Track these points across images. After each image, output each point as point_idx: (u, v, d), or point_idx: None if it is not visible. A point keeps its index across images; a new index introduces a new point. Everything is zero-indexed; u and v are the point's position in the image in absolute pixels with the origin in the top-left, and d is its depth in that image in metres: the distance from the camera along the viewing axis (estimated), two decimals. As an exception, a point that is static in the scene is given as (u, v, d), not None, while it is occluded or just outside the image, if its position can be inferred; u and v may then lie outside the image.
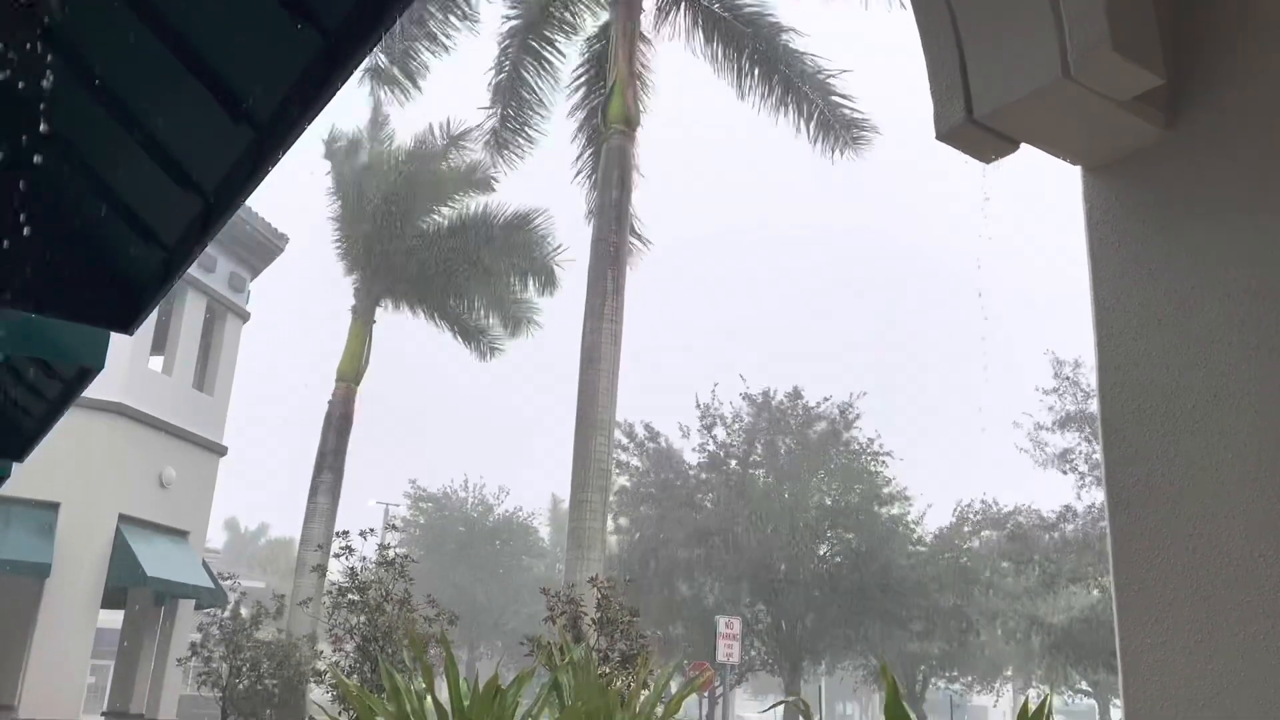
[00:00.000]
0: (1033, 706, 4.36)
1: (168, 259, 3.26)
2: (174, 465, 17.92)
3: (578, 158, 19.57)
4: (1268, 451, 1.75)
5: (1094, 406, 1.99)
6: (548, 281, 22.47)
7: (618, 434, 28.51)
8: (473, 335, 24.00)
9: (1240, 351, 1.81)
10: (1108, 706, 38.33)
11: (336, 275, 23.16)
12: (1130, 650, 1.84)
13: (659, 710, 9.99)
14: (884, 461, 31.57)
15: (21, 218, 3.13)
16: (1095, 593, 31.08)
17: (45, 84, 2.73)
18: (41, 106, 2.67)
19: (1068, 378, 31.37)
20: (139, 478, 17.24)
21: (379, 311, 23.08)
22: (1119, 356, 1.97)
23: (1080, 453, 30.75)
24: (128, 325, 3.58)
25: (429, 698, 8.92)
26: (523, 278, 22.67)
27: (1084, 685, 36.79)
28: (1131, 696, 1.83)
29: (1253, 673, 1.70)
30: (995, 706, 49.10)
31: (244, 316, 20.54)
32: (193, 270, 18.29)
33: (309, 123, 2.31)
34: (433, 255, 22.34)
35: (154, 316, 17.62)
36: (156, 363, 19.04)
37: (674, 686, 13.35)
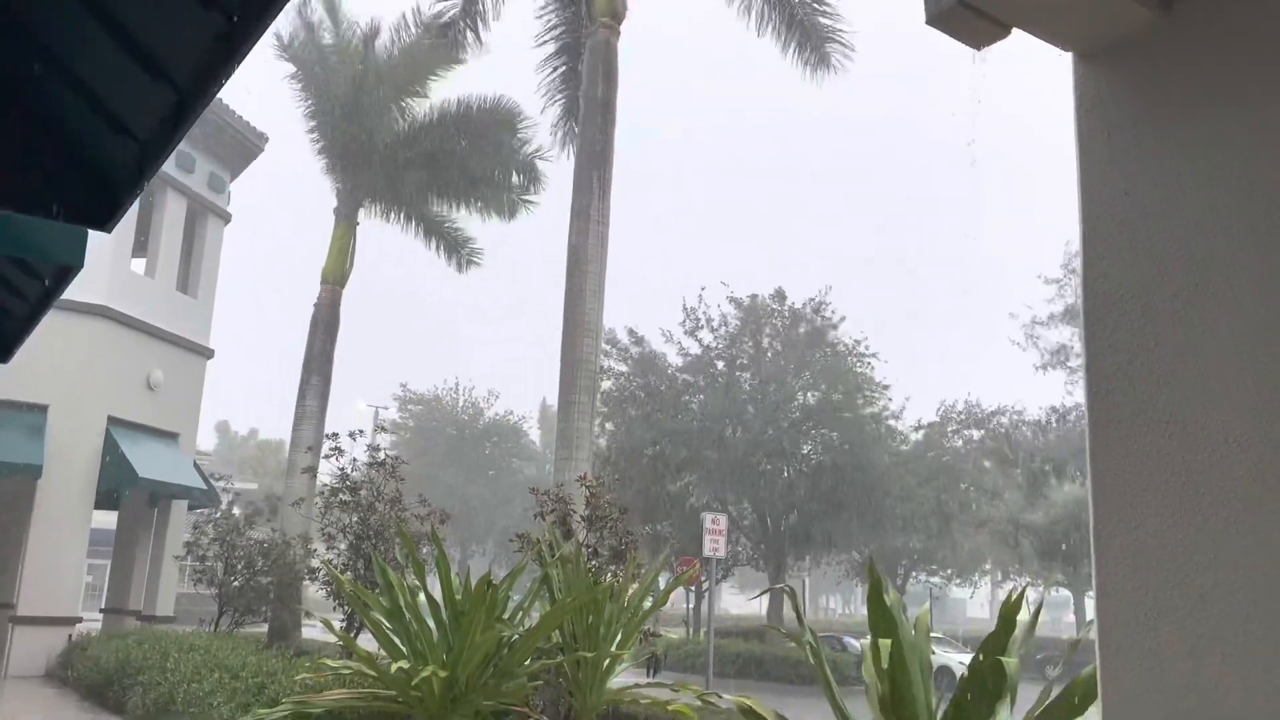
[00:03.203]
0: (1012, 603, 4.49)
1: (142, 153, 3.18)
2: (161, 368, 17.92)
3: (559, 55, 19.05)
4: (1246, 341, 1.76)
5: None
6: (531, 177, 22.11)
7: (603, 340, 28.56)
8: (452, 246, 23.68)
9: (1224, 242, 1.81)
10: (1082, 598, 39.53)
11: (318, 176, 22.82)
12: (1104, 535, 1.88)
13: (647, 603, 10.25)
14: (869, 363, 31.83)
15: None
16: (1068, 487, 31.76)
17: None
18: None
19: (1075, 270, 31.33)
20: (126, 380, 17.26)
21: (362, 213, 22.79)
22: (1103, 247, 1.96)
23: (1074, 350, 30.90)
24: (105, 222, 3.52)
25: (422, 593, 9.12)
26: (506, 172, 22.30)
27: (1060, 578, 37.86)
28: (1103, 579, 1.87)
29: (1223, 554, 1.74)
30: (973, 599, 50.71)
31: (225, 218, 20.28)
32: (171, 170, 18.00)
33: (280, 8, 2.24)
34: (411, 152, 21.95)
35: (133, 218, 17.43)
36: (139, 265, 18.88)
37: (662, 581, 13.67)
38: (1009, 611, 3.95)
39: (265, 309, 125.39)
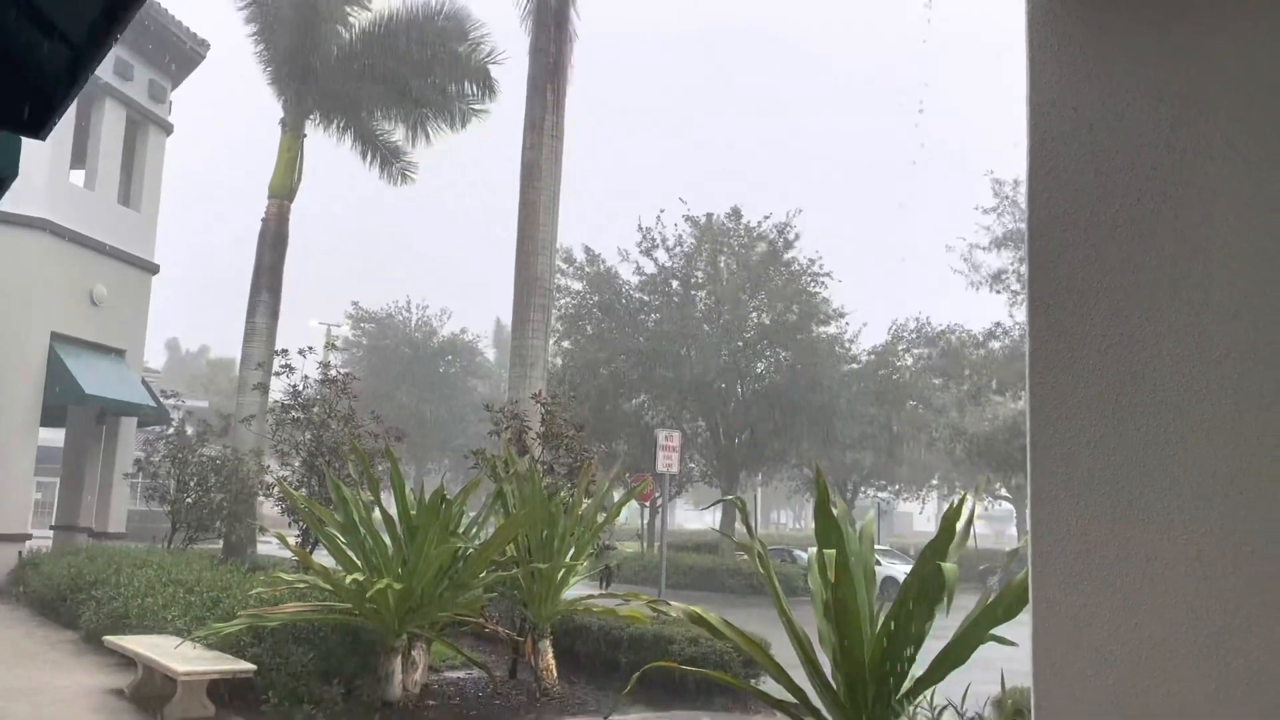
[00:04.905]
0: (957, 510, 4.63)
1: (74, 56, 3.05)
2: (104, 283, 17.52)
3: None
4: (1183, 256, 1.79)
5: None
6: (484, 85, 21.54)
7: (559, 259, 28.37)
8: (387, 158, 23.08)
9: (1166, 155, 1.83)
10: (1024, 510, 40.75)
11: (263, 86, 22.10)
12: (1040, 445, 1.93)
13: (600, 517, 10.40)
14: (824, 282, 31.98)
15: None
16: (1015, 404, 32.55)
17: None
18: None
19: (1007, 196, 31.85)
20: (69, 295, 16.87)
21: (309, 125, 22.18)
22: (1049, 161, 1.98)
23: (1013, 272, 31.57)
24: (38, 129, 3.38)
25: (377, 508, 9.17)
26: (458, 81, 21.69)
27: (1003, 491, 38.95)
28: (1038, 486, 1.93)
29: (1151, 462, 1.80)
30: (921, 513, 52.11)
31: (167, 128, 19.66)
32: (109, 78, 17.34)
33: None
34: (359, 62, 21.29)
35: (71, 127, 16.82)
36: (78, 177, 18.28)
37: (616, 497, 13.83)
38: (949, 518, 4.08)
39: (212, 223, 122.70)
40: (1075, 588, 1.85)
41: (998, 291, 32.79)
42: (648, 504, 32.04)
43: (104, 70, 16.90)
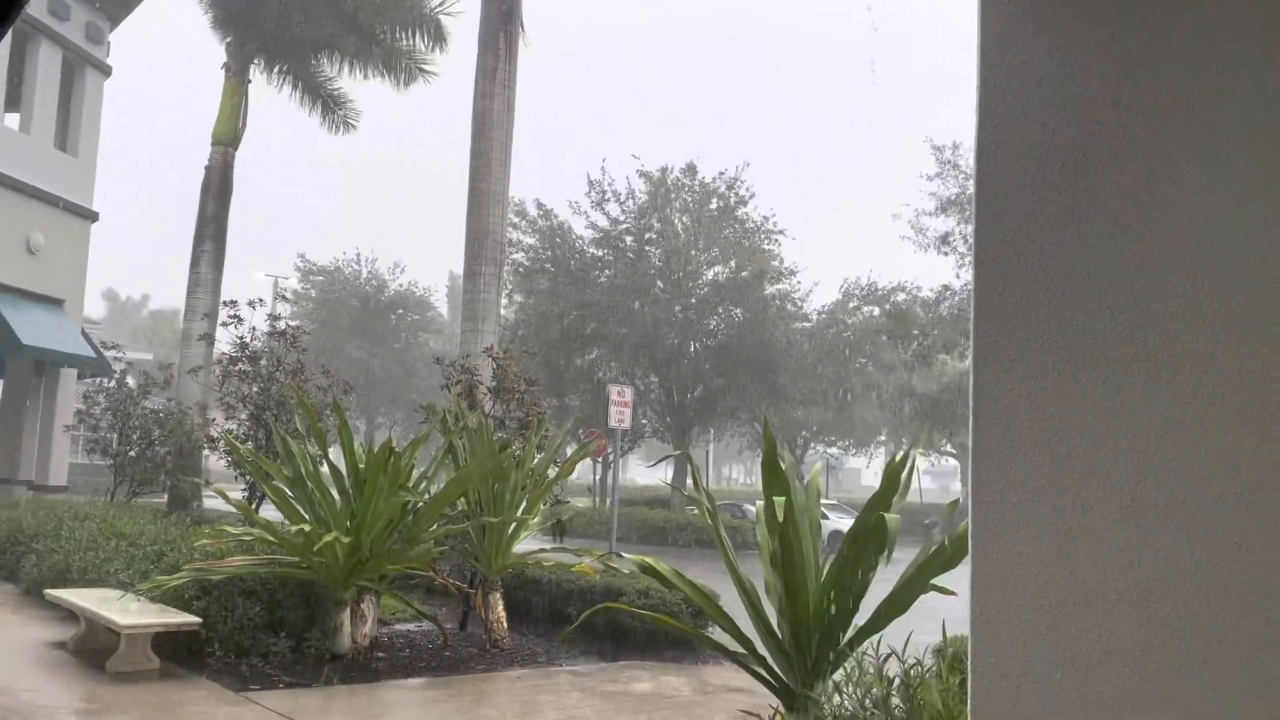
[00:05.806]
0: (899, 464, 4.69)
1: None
2: (41, 230, 17.03)
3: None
4: (1126, 209, 1.81)
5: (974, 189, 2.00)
6: (435, 36, 21.09)
7: (511, 213, 28.10)
8: (329, 106, 22.56)
9: (1112, 110, 1.84)
10: (969, 466, 41.59)
11: (207, 29, 21.45)
12: (981, 398, 1.95)
13: (552, 472, 10.42)
14: (777, 240, 32.08)
15: None
16: (961, 364, 33.13)
17: None
18: None
19: (948, 161, 32.10)
20: (4, 243, 16.40)
21: (254, 71, 21.60)
22: (998, 115, 1.98)
23: (959, 234, 31.92)
24: (-36, 66, 3.26)
25: (325, 462, 9.09)
26: (408, 31, 21.20)
27: (949, 447, 39.67)
28: (978, 440, 1.95)
29: (1087, 416, 1.83)
30: (869, 469, 52.99)
31: (105, 71, 19.04)
32: (43, 17, 16.73)
33: None
34: (305, 3, 20.70)
35: (4, 69, 16.24)
36: (13, 121, 17.69)
37: (568, 451, 13.85)
38: (892, 472, 4.14)
39: (154, 170, 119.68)
40: (1013, 538, 1.89)
41: (945, 254, 33.14)
42: (600, 459, 32.16)
43: (39, 9, 16.30)
